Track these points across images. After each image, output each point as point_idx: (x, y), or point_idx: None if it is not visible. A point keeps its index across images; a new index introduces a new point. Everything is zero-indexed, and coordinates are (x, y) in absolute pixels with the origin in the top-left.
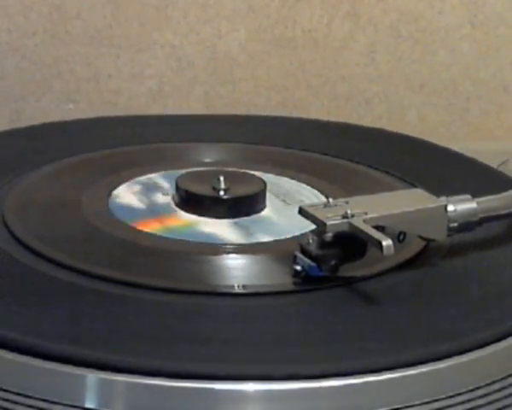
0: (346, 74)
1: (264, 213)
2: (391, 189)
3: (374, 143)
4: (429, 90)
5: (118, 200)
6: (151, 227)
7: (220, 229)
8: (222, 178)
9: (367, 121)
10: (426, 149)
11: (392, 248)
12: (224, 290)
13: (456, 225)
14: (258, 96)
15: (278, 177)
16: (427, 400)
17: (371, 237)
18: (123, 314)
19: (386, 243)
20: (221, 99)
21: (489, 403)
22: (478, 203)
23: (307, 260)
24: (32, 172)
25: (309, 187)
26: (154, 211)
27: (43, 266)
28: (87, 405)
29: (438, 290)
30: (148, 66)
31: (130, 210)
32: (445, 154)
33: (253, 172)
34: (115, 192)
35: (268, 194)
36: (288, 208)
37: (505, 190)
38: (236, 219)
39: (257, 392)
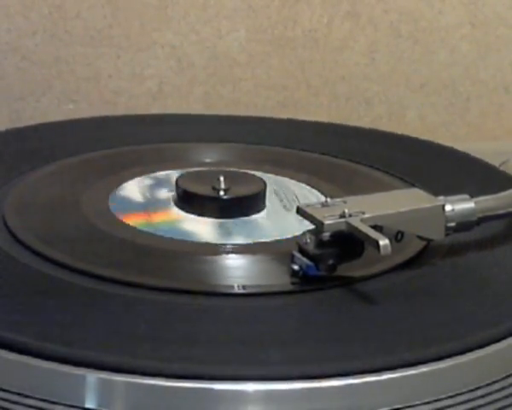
0: (346, 74)
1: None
2: (391, 189)
3: (374, 143)
4: (429, 90)
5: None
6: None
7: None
8: (222, 178)
9: (367, 121)
10: (425, 149)
11: (390, 248)
12: (224, 291)
13: (454, 224)
14: (258, 96)
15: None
16: (427, 400)
17: (368, 237)
18: (123, 314)
19: (383, 242)
20: (221, 99)
21: (489, 403)
22: (476, 203)
23: (305, 260)
24: (32, 172)
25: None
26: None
27: (43, 266)
28: (87, 405)
29: (438, 290)
30: (148, 66)
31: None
32: (445, 153)
33: (253, 172)
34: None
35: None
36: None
37: (506, 189)
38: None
39: (257, 392)
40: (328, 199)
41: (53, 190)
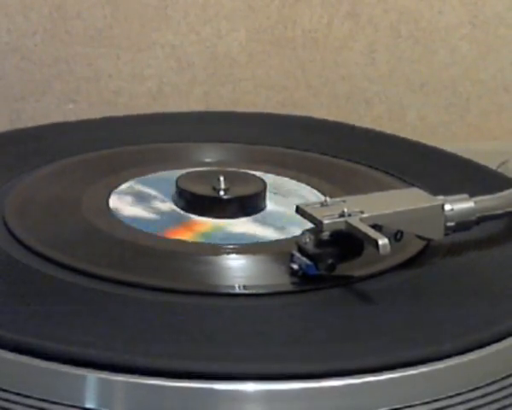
0: (346, 74)
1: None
2: (390, 189)
3: (373, 143)
4: (429, 90)
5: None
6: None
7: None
8: (222, 178)
9: (367, 121)
10: (425, 150)
11: (389, 247)
12: (225, 291)
13: (453, 224)
14: (258, 96)
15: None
16: (427, 400)
17: (368, 236)
18: (123, 315)
19: (383, 241)
20: (221, 99)
21: (489, 403)
22: (475, 203)
23: (304, 259)
24: (32, 172)
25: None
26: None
27: (43, 266)
28: (87, 405)
29: (438, 290)
30: (148, 66)
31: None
32: (444, 155)
33: (253, 172)
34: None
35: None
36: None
37: (503, 189)
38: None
39: (257, 392)
40: (328, 198)
41: (53, 190)
